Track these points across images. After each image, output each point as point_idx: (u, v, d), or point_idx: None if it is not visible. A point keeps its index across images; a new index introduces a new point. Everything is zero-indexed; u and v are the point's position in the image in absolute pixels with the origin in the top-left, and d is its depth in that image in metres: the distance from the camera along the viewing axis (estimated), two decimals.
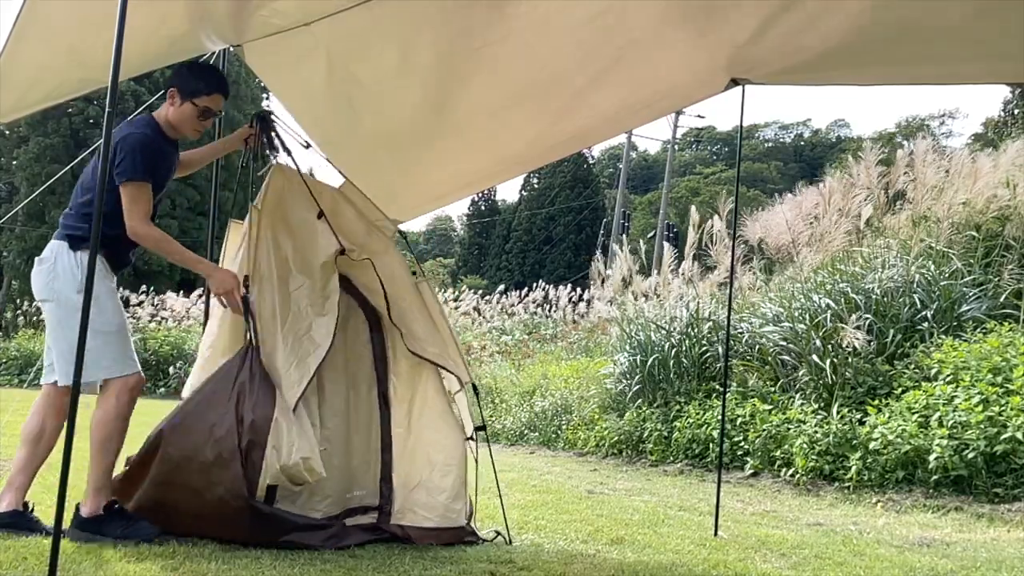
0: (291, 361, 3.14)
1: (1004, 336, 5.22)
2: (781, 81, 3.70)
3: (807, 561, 3.30)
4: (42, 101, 3.40)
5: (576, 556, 3.20)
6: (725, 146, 63.52)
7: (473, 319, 15.64)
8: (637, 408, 7.08)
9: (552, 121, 4.23)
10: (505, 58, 3.72)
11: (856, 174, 6.72)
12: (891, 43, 3.11)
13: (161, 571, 2.53)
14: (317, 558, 2.87)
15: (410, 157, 4.45)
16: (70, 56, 3.00)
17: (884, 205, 6.78)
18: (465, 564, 2.90)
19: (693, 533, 3.82)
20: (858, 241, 6.55)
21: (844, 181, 6.75)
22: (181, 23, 3.06)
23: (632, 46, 3.58)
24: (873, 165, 6.64)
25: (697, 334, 7.07)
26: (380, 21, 3.35)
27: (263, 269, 3.24)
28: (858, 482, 5.04)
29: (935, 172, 6.55)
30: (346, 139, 4.31)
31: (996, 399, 4.71)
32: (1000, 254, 6.18)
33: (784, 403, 5.96)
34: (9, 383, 14.53)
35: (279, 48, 3.51)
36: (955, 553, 3.59)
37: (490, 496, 4.46)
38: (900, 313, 5.89)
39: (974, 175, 6.35)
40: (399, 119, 4.18)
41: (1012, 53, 2.98)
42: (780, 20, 3.19)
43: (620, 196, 31.62)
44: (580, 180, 43.09)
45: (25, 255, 26.49)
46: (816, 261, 6.52)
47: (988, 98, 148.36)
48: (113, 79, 2.22)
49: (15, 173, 26.85)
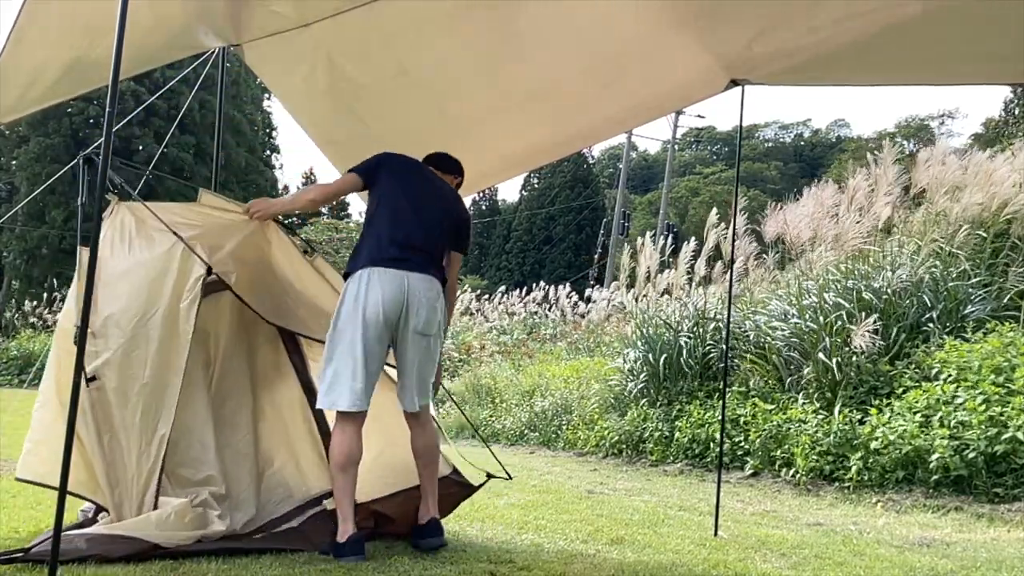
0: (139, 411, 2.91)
1: (1005, 336, 5.22)
2: (781, 81, 3.70)
3: (807, 561, 3.30)
4: (41, 101, 3.41)
5: (576, 556, 3.20)
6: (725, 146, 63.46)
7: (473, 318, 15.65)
8: (639, 407, 7.09)
9: (553, 122, 4.24)
10: (506, 60, 3.72)
11: (876, 173, 6.69)
12: (890, 43, 3.11)
13: (161, 571, 2.53)
14: (318, 558, 2.87)
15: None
16: (70, 56, 3.01)
17: (901, 205, 6.78)
18: (465, 564, 2.90)
19: (693, 533, 3.82)
20: (875, 240, 6.55)
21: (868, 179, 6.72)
22: (180, 22, 3.07)
23: (633, 49, 3.58)
24: (890, 164, 6.63)
25: (702, 333, 7.08)
26: (381, 23, 3.35)
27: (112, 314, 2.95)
28: (858, 482, 5.04)
29: (953, 172, 6.55)
30: (346, 139, 4.31)
31: (998, 399, 4.71)
32: (1007, 254, 6.18)
33: (785, 402, 5.96)
34: (9, 383, 14.53)
35: (279, 48, 3.52)
36: (955, 553, 3.59)
37: (490, 496, 4.46)
38: (906, 313, 5.90)
39: (988, 176, 6.34)
40: (399, 120, 4.19)
41: (1012, 53, 2.98)
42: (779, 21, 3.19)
43: (620, 196, 31.61)
44: (580, 180, 43.06)
45: (25, 255, 26.51)
46: (830, 259, 6.52)
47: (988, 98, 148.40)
48: (113, 79, 2.22)
49: (15, 173, 26.84)
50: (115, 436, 2.86)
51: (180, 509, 2.85)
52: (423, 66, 3.74)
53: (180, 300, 2.99)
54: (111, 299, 2.96)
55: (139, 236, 3.09)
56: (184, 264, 3.02)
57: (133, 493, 2.84)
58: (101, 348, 2.89)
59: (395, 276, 2.98)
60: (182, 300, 3.00)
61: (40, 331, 17.36)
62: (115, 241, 3.08)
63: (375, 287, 2.95)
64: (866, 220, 6.47)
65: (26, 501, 3.72)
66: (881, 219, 6.55)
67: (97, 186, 2.33)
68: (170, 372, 2.95)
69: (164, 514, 2.81)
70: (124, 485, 2.84)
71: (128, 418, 2.87)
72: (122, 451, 2.86)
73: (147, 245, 3.07)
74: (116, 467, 2.84)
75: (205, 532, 2.90)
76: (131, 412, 2.88)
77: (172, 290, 2.99)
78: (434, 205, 3.21)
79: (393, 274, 2.98)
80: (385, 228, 3.08)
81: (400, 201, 3.13)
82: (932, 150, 6.84)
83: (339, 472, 2.95)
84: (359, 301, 2.94)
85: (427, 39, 3.55)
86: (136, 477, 2.85)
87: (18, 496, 3.85)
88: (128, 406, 2.88)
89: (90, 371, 2.81)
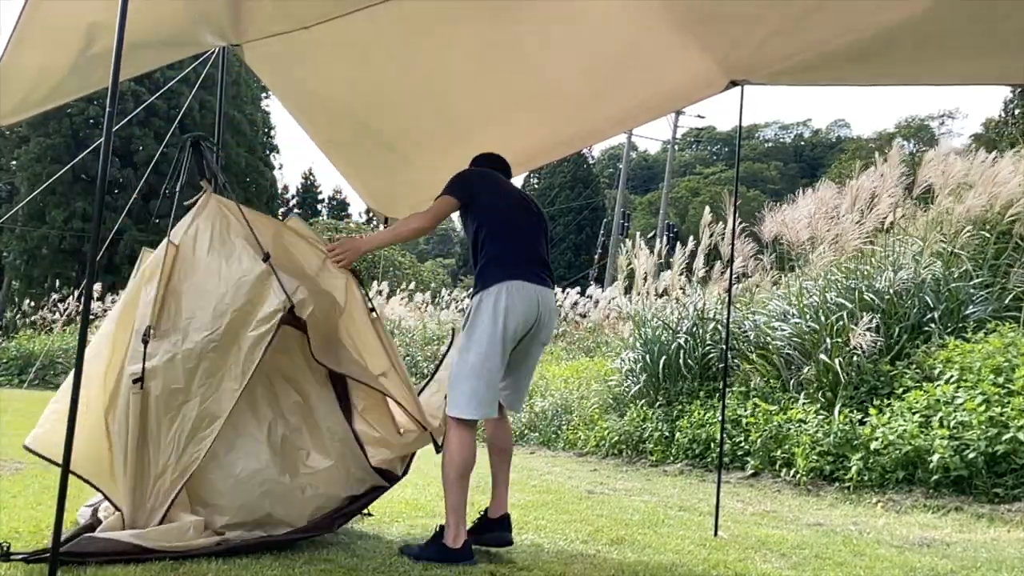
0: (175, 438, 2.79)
1: (1006, 336, 5.22)
2: (781, 81, 3.70)
3: (807, 561, 3.30)
4: (44, 103, 3.41)
5: (576, 556, 3.20)
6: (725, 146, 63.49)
7: None
8: (639, 408, 7.09)
9: (553, 123, 4.24)
10: (506, 62, 3.72)
11: (878, 173, 6.68)
12: (891, 43, 3.11)
13: (161, 571, 2.53)
14: (318, 558, 2.87)
15: (410, 158, 4.45)
16: (71, 58, 3.01)
17: (904, 205, 6.78)
18: (465, 564, 2.91)
19: (693, 533, 3.82)
20: (876, 240, 6.55)
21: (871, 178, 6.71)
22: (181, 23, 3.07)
23: (632, 50, 3.58)
24: (897, 164, 6.62)
25: (702, 334, 7.08)
26: (381, 25, 3.35)
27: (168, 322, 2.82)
28: (858, 482, 5.04)
29: (957, 172, 6.54)
30: (345, 140, 4.32)
31: (998, 399, 4.71)
32: (1009, 255, 6.18)
33: (786, 403, 5.96)
34: (9, 383, 14.52)
35: (279, 48, 3.52)
36: (955, 553, 3.59)
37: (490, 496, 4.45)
38: (908, 313, 5.90)
39: (993, 177, 6.34)
40: (399, 120, 4.18)
41: (1012, 53, 2.98)
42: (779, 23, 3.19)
43: (620, 196, 31.61)
44: (580, 180, 43.06)
45: (25, 255, 26.51)
46: (829, 259, 6.51)
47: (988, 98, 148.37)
48: (113, 79, 2.22)
49: (15, 173, 26.85)
50: (145, 444, 2.76)
51: (196, 523, 2.81)
52: (423, 67, 3.73)
53: (248, 327, 2.83)
54: (177, 303, 2.83)
55: (221, 241, 2.92)
56: (261, 289, 2.85)
57: (148, 506, 2.77)
58: (154, 350, 2.75)
59: (529, 291, 3.06)
60: (250, 327, 2.83)
61: (40, 331, 17.35)
62: (198, 238, 2.92)
63: (513, 303, 3.02)
64: (867, 220, 6.47)
65: (26, 501, 3.72)
66: (884, 219, 6.55)
67: (97, 187, 2.32)
68: (218, 401, 2.80)
69: (184, 527, 2.77)
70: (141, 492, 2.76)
71: (163, 431, 2.76)
72: (147, 462, 2.76)
73: (227, 255, 2.90)
74: (139, 475, 2.75)
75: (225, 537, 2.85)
76: (166, 425, 2.76)
77: (241, 313, 2.83)
78: (531, 213, 3.32)
79: (527, 290, 3.06)
80: (507, 244, 3.14)
81: (510, 215, 3.21)
82: (937, 150, 6.84)
83: (459, 479, 3.00)
84: (497, 317, 3.00)
85: (427, 41, 3.54)
86: (156, 492, 2.77)
87: (18, 496, 3.85)
88: (165, 418, 2.76)
89: (137, 371, 2.72)
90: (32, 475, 4.49)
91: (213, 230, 2.96)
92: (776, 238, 7.09)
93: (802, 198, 7.13)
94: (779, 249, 7.43)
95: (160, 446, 2.77)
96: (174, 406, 2.77)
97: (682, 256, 8.19)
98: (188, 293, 2.86)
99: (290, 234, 3.15)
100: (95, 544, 2.62)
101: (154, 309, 2.79)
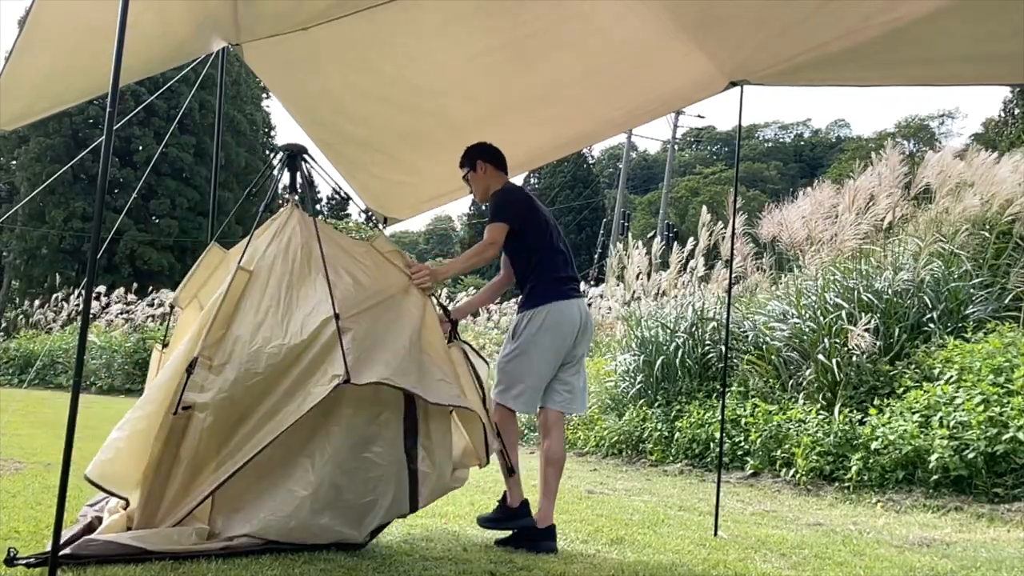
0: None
1: (1006, 336, 5.22)
2: (780, 82, 3.71)
3: (807, 561, 3.31)
4: (48, 109, 3.40)
5: (576, 556, 3.20)
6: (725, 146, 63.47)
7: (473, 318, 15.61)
8: (638, 408, 7.09)
9: (554, 125, 4.25)
10: (506, 64, 3.73)
11: (880, 173, 6.68)
12: (890, 44, 3.12)
13: (161, 571, 2.53)
14: (318, 558, 2.87)
15: (409, 159, 4.45)
16: (75, 64, 3.01)
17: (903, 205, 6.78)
18: (465, 564, 2.90)
19: (693, 533, 3.83)
20: (875, 240, 6.55)
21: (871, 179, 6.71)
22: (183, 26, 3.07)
23: (633, 52, 3.59)
24: (897, 165, 6.63)
25: (701, 334, 7.08)
26: (381, 27, 3.35)
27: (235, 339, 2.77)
28: (858, 482, 5.04)
29: (957, 172, 6.54)
30: (346, 140, 4.31)
31: (997, 399, 4.71)
32: (1009, 255, 6.18)
33: (785, 403, 5.96)
34: (9, 383, 14.52)
35: (279, 48, 3.52)
36: (955, 553, 3.59)
37: (491, 496, 4.46)
38: (907, 313, 5.90)
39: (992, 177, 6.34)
40: (399, 122, 4.18)
41: (1012, 53, 2.98)
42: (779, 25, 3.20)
43: (620, 196, 31.61)
44: (580, 180, 43.06)
45: (25, 255, 26.51)
46: (828, 259, 6.51)
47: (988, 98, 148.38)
48: (114, 80, 2.22)
49: (15, 173, 26.85)
50: (177, 464, 2.74)
51: (200, 530, 2.80)
52: (422, 68, 3.74)
53: (309, 381, 2.74)
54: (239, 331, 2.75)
55: (300, 278, 2.83)
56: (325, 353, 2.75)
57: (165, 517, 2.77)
58: (208, 384, 2.71)
59: (574, 308, 3.46)
60: (312, 383, 2.74)
61: (40, 331, 17.35)
62: (275, 267, 2.83)
63: (562, 318, 3.41)
64: (865, 220, 6.47)
65: (26, 501, 3.72)
66: (883, 219, 6.55)
67: (97, 187, 2.32)
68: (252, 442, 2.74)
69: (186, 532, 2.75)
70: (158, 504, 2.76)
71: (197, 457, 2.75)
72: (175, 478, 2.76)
73: (299, 288, 2.82)
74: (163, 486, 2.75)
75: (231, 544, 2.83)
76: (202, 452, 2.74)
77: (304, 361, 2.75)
78: (559, 231, 3.64)
79: (573, 308, 3.45)
80: (555, 262, 3.50)
81: (551, 240, 3.54)
82: (937, 151, 6.85)
83: (558, 466, 3.54)
84: (547, 330, 3.39)
85: (426, 42, 3.55)
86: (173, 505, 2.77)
87: (18, 496, 3.85)
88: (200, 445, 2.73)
89: (187, 400, 2.69)
90: (32, 475, 4.49)
91: (294, 262, 2.88)
92: (774, 239, 7.09)
93: (799, 198, 7.14)
94: (778, 249, 7.44)
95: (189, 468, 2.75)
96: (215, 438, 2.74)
97: (679, 256, 8.19)
98: (251, 322, 2.79)
99: (374, 255, 3.12)
100: (95, 547, 2.62)
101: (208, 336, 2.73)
